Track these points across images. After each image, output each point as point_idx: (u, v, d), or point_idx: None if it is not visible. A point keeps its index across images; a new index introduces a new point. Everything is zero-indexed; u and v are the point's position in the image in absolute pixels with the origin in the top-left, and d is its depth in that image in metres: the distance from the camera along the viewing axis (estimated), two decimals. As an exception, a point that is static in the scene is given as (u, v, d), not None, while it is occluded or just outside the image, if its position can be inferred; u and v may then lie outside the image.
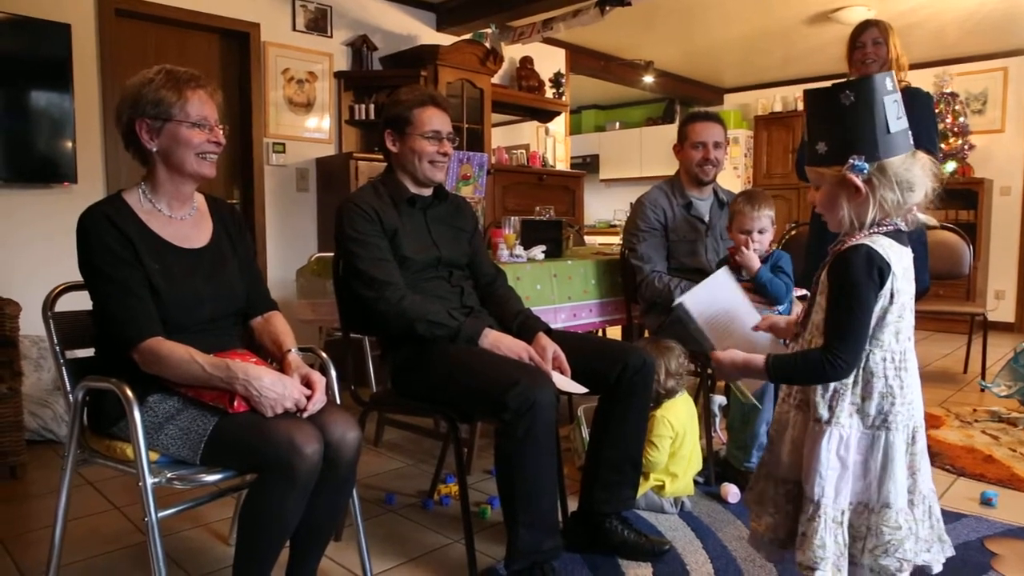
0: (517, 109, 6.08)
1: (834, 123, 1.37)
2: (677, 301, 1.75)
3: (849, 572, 1.38)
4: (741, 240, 2.49)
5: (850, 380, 1.37)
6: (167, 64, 1.67)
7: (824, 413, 1.38)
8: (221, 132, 1.69)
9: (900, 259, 1.35)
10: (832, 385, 1.38)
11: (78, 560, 2.09)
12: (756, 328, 1.63)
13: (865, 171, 1.33)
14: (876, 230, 1.36)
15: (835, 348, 1.33)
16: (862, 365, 1.37)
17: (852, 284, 1.32)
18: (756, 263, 2.44)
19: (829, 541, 1.35)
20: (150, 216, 1.67)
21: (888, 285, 1.33)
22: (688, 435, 2.41)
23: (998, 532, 2.23)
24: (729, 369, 1.50)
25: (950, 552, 1.43)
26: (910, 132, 1.38)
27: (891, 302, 1.35)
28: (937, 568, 1.41)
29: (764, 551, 1.52)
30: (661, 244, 2.86)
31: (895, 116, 1.34)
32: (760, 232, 2.47)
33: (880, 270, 1.32)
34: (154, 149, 1.63)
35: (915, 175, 1.34)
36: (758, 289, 2.42)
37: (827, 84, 1.41)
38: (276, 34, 4.51)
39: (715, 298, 1.79)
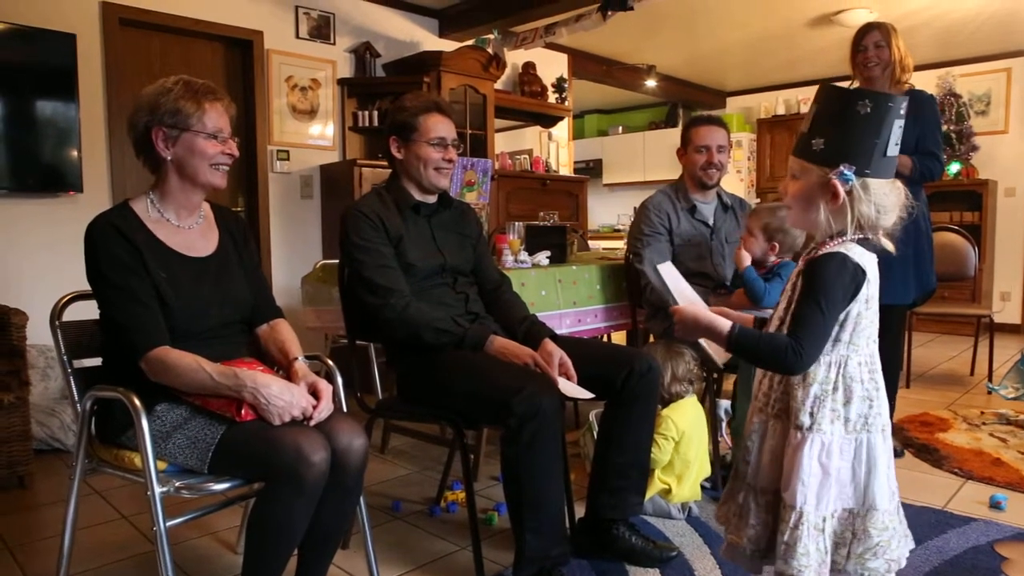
0: (520, 114, 6.09)
1: (840, 126, 1.37)
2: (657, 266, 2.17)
3: None
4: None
5: (830, 386, 1.38)
6: (183, 75, 1.68)
7: (805, 420, 1.38)
8: (234, 144, 1.71)
9: (871, 266, 1.38)
10: (813, 392, 1.38)
11: (86, 569, 2.10)
12: None
13: (850, 183, 1.34)
14: (848, 238, 1.38)
15: (801, 341, 1.33)
16: (841, 371, 1.38)
17: (826, 286, 1.33)
18: (744, 261, 2.55)
19: (812, 549, 1.35)
20: (157, 225, 1.68)
21: (864, 291, 1.35)
22: (694, 438, 2.41)
23: (1008, 536, 2.22)
24: (691, 324, 1.48)
25: (911, 545, 1.44)
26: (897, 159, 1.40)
27: (867, 308, 1.37)
28: (903, 563, 1.42)
29: (744, 563, 1.51)
30: (666, 248, 2.86)
31: (895, 142, 1.36)
32: (751, 237, 2.60)
33: (854, 275, 1.34)
34: (169, 158, 1.64)
35: (891, 201, 1.37)
36: (742, 284, 2.55)
37: (847, 85, 1.41)
38: (279, 42, 4.53)
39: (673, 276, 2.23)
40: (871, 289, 1.37)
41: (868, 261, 1.37)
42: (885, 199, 1.36)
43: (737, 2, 5.20)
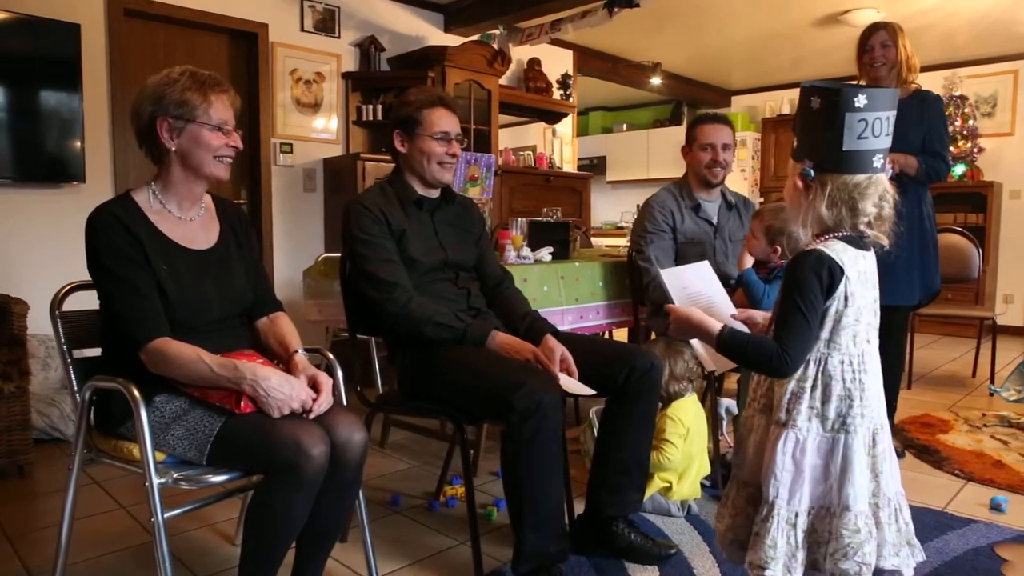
0: (524, 110, 6.07)
1: (803, 123, 1.41)
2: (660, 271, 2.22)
3: None
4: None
5: (808, 384, 1.38)
6: (189, 66, 1.68)
7: (782, 416, 1.40)
8: (239, 137, 1.70)
9: (855, 263, 1.36)
10: (790, 388, 1.39)
11: (84, 559, 2.10)
12: (733, 318, 1.66)
13: (810, 177, 1.38)
14: (831, 235, 1.38)
15: (787, 344, 1.35)
16: (821, 369, 1.38)
17: (800, 285, 1.35)
18: (745, 262, 2.61)
19: (781, 542, 1.36)
20: (159, 216, 1.67)
21: (841, 288, 1.35)
22: (696, 435, 2.41)
23: (1008, 538, 2.22)
24: (684, 324, 1.52)
25: (920, 557, 1.43)
26: (880, 156, 1.37)
27: (846, 305, 1.36)
28: (908, 573, 1.41)
29: (727, 552, 1.52)
30: (669, 246, 2.86)
31: (856, 135, 1.33)
32: (754, 238, 2.61)
33: (830, 272, 1.34)
34: (173, 149, 1.64)
35: (860, 198, 1.36)
36: (742, 285, 2.56)
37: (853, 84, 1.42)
38: (284, 35, 4.52)
39: (694, 281, 2.11)
40: (852, 287, 1.35)
41: (850, 258, 1.35)
42: (847, 194, 1.36)
43: (744, 1, 5.19)
